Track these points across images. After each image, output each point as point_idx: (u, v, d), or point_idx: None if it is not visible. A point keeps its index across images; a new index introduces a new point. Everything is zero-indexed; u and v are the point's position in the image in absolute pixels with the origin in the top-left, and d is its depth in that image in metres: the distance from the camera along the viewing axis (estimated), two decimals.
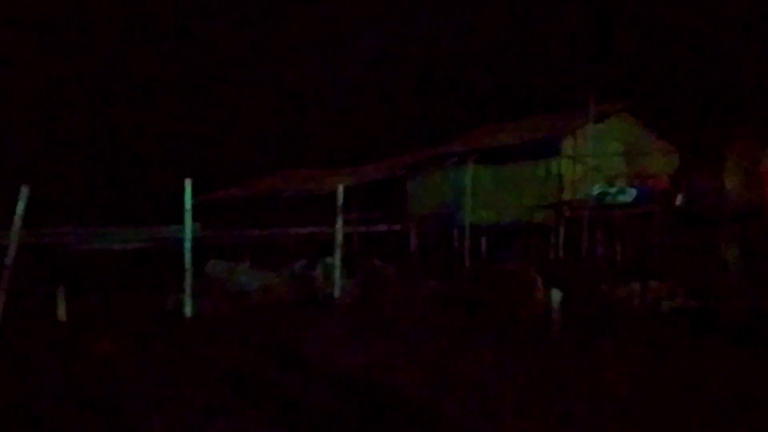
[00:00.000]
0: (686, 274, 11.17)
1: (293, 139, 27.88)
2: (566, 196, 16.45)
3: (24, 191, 8.17)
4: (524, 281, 10.77)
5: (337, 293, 11.47)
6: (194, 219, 9.75)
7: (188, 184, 9.60)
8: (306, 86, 29.52)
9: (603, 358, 7.37)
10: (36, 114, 25.33)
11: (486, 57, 28.71)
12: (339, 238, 11.42)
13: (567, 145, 16.74)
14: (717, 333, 8.28)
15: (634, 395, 5.85)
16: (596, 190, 16.40)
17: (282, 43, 29.87)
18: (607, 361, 7.14)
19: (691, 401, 5.66)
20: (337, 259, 11.50)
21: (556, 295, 9.40)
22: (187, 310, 9.48)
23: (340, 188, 11.57)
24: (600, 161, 16.83)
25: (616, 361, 7.11)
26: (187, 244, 9.55)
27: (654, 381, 6.36)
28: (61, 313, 9.06)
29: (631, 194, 16.55)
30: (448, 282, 13.20)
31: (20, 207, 8.16)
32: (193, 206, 9.67)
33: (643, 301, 9.91)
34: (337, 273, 11.45)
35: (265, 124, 27.92)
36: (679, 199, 17.97)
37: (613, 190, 16.54)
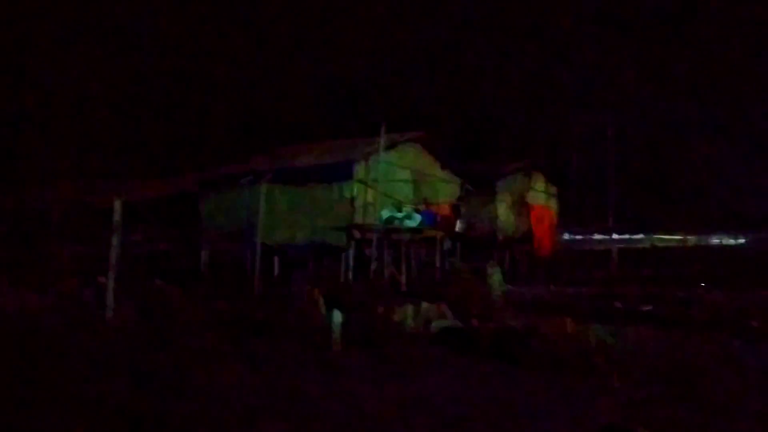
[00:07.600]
0: (458, 296, 11.99)
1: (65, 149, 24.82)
2: (357, 219, 16.94)
3: None
4: (307, 303, 10.88)
5: (109, 315, 10.64)
6: None
7: None
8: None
9: (371, 375, 7.66)
10: None
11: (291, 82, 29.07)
12: (113, 256, 10.65)
13: (359, 170, 17.27)
14: (475, 350, 8.97)
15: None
16: (385, 214, 17.14)
17: None
18: (371, 377, 7.44)
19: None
20: (110, 278, 10.70)
21: (336, 316, 9.60)
22: None
23: (117, 203, 10.81)
24: (389, 187, 17.63)
25: (376, 378, 7.43)
26: None
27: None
28: None
29: (416, 219, 17.56)
30: (236, 304, 12.90)
31: None
32: None
33: (416, 322, 10.46)
34: (110, 294, 10.64)
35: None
36: (458, 225, 19.49)
37: (400, 214, 17.42)
